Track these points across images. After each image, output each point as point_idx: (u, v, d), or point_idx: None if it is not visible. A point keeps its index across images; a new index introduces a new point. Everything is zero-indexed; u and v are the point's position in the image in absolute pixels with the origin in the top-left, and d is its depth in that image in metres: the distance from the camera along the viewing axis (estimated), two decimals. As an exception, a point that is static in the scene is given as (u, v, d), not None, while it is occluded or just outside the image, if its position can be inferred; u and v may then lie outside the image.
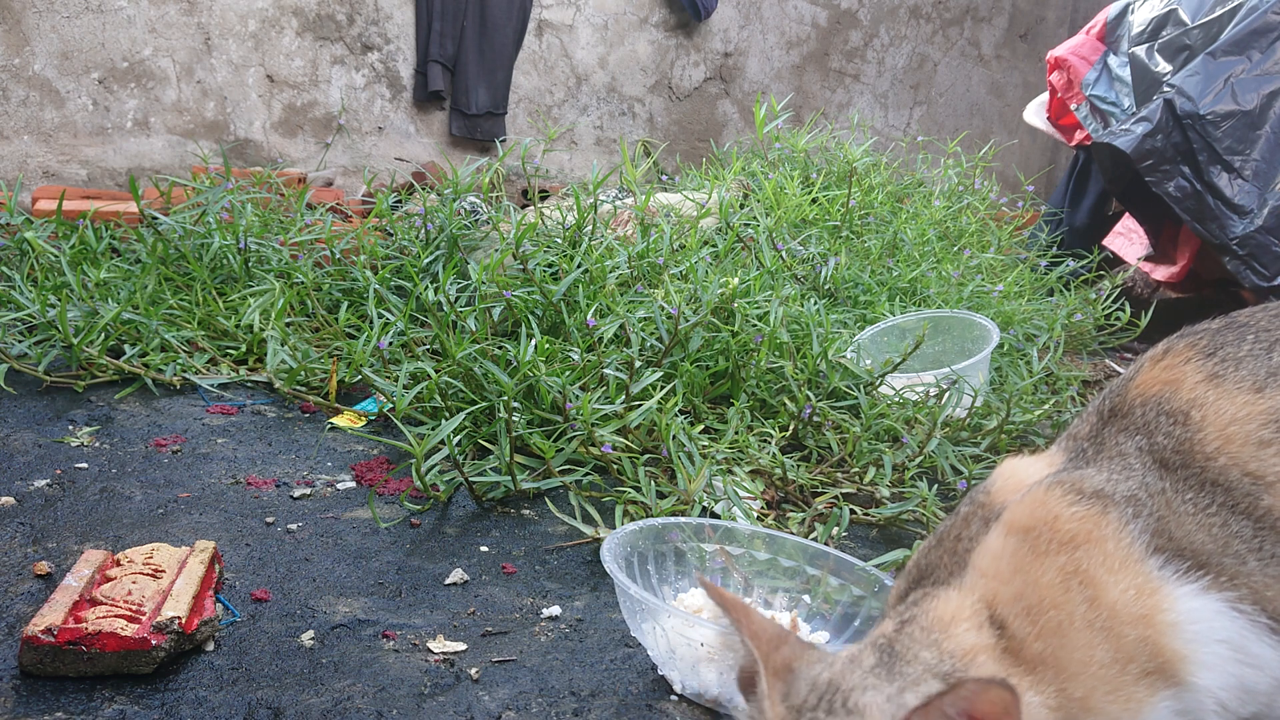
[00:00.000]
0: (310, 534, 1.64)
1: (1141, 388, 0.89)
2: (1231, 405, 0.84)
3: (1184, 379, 0.88)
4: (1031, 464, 0.91)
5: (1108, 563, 0.78)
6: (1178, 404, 0.86)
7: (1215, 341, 0.90)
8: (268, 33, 4.11)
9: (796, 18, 5.35)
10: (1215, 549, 0.79)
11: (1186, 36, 3.47)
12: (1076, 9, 6.16)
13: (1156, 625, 0.76)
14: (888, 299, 2.87)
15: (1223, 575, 0.78)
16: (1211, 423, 0.84)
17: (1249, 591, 0.78)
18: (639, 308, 2.37)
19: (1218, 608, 0.77)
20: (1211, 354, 0.89)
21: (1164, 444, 0.85)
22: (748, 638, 0.84)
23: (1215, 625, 0.77)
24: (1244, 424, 0.83)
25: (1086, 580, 0.77)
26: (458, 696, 1.24)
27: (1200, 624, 0.76)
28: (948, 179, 3.98)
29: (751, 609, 0.88)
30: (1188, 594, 0.77)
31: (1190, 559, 0.78)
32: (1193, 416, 0.85)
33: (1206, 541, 0.80)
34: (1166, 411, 0.86)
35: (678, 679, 1.29)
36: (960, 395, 2.28)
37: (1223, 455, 0.82)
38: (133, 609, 1.24)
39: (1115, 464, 0.85)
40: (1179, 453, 0.84)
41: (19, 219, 2.74)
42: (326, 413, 2.16)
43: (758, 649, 0.83)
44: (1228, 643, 0.76)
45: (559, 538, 1.71)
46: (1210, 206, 3.23)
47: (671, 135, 5.07)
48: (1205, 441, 0.83)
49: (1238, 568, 0.79)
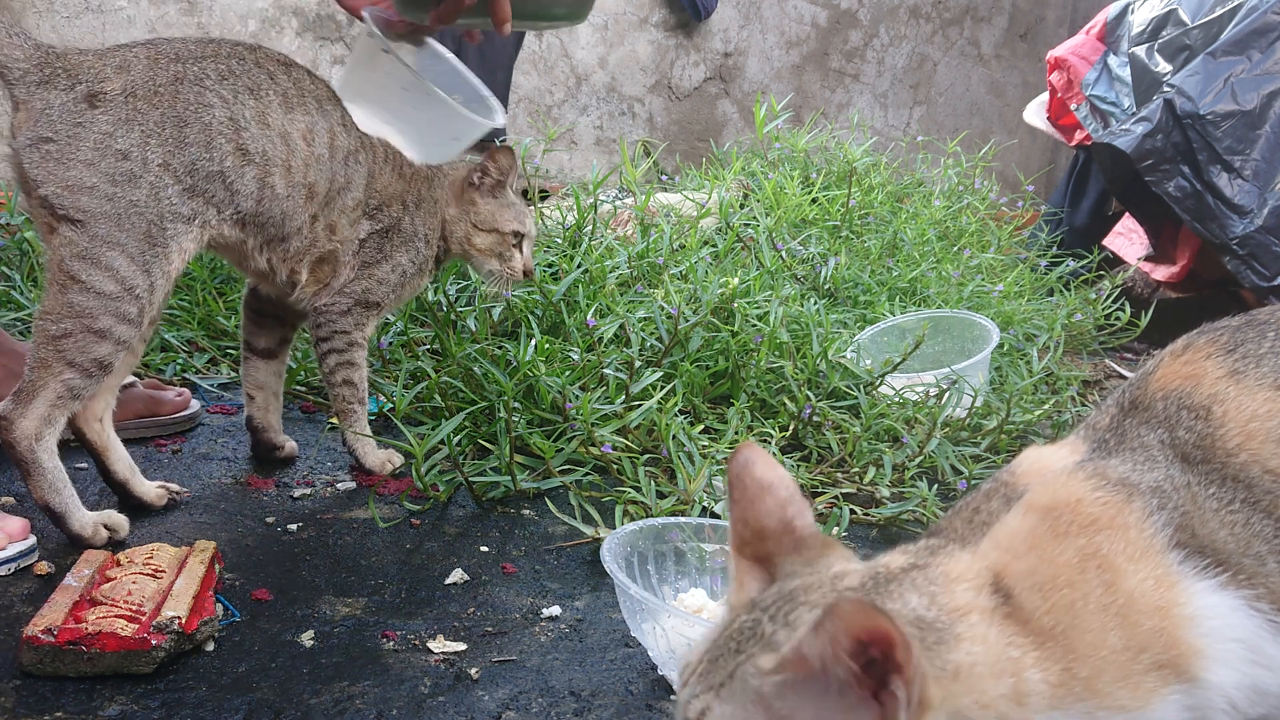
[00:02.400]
0: (310, 534, 1.64)
1: (1162, 381, 0.89)
2: (1253, 402, 0.84)
3: (1205, 374, 0.88)
4: (1055, 451, 0.92)
5: (1129, 550, 0.78)
6: (1199, 399, 0.86)
7: (1236, 338, 0.90)
8: (268, 33, 4.11)
9: (796, 18, 5.35)
10: (1236, 548, 0.79)
11: (1186, 36, 3.47)
12: (1076, 9, 6.16)
13: (1174, 617, 0.76)
14: (888, 299, 2.87)
15: (1241, 573, 0.78)
16: (1233, 419, 0.84)
17: (1266, 591, 0.78)
18: (639, 308, 2.37)
19: (1235, 605, 0.77)
20: (1232, 350, 0.89)
21: (1185, 438, 0.84)
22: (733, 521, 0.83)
23: (1232, 622, 0.76)
24: (1265, 420, 0.83)
25: (1105, 564, 0.77)
26: (458, 696, 1.24)
27: (1217, 620, 0.76)
28: (947, 179, 3.98)
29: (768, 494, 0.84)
30: (1206, 589, 0.77)
31: (1210, 556, 0.78)
32: (1214, 412, 0.85)
33: (1227, 539, 0.79)
34: (1188, 406, 0.86)
35: (678, 679, 1.28)
36: (960, 395, 2.28)
37: (1244, 452, 0.82)
38: (133, 609, 1.24)
39: (1139, 455, 0.85)
40: (1200, 448, 0.84)
41: (19, 219, 2.74)
42: (326, 413, 2.16)
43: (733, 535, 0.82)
44: (1243, 641, 0.76)
45: (559, 538, 1.71)
46: (1210, 206, 3.23)
47: (671, 135, 5.07)
48: (1226, 437, 0.83)
49: (1257, 567, 0.79)
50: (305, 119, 1.65)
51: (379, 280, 1.82)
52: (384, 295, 1.83)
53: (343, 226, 1.76)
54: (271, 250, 1.68)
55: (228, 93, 1.55)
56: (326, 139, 1.68)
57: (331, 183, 1.70)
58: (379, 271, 1.82)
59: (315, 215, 1.70)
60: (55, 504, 1.48)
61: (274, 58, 1.65)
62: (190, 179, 1.51)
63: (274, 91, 1.61)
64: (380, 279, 1.82)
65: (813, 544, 0.83)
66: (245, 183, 1.57)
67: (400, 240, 1.83)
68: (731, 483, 0.85)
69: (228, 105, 1.55)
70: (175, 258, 1.52)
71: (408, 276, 1.86)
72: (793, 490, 0.85)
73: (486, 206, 1.90)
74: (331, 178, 1.70)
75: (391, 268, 1.83)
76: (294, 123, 1.63)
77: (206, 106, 1.53)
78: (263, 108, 1.59)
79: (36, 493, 1.48)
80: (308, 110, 1.66)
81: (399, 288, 1.85)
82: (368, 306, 1.82)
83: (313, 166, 1.66)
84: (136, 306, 1.48)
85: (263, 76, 1.61)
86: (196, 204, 1.53)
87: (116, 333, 1.47)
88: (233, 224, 1.60)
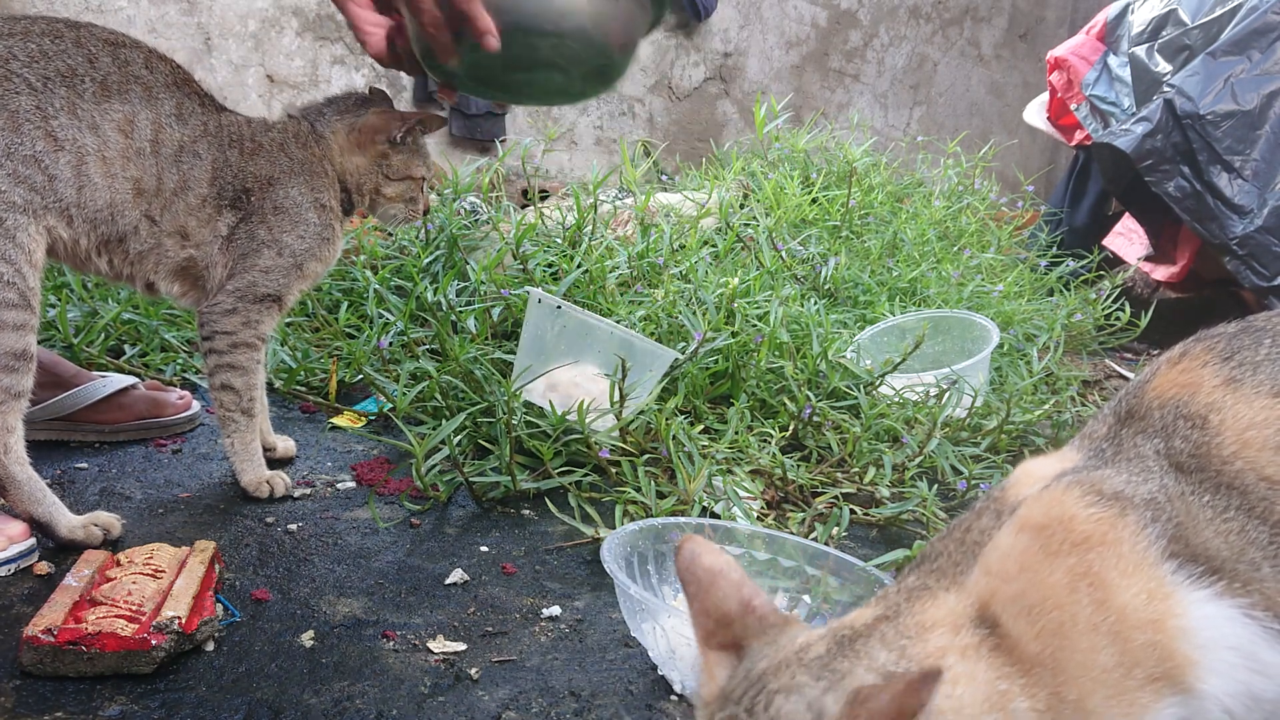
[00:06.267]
0: (310, 534, 1.64)
1: (1158, 390, 0.89)
2: (1249, 410, 0.84)
3: (1201, 382, 0.87)
4: (1048, 463, 0.91)
5: (1121, 565, 0.77)
6: (1195, 407, 0.86)
7: (1232, 345, 0.90)
8: (268, 33, 4.11)
9: (796, 18, 5.35)
10: (1230, 555, 0.79)
11: (1186, 36, 3.47)
12: (1076, 9, 6.16)
13: (1167, 630, 0.75)
14: (888, 299, 2.87)
15: (1236, 581, 0.77)
16: (1229, 427, 0.84)
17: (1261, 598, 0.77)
18: (639, 308, 2.37)
19: (1230, 614, 0.76)
20: (1229, 358, 0.88)
21: (1181, 447, 0.84)
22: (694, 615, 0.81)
23: (1226, 632, 0.76)
24: (1262, 429, 0.83)
25: (1097, 582, 0.77)
26: (458, 696, 1.24)
27: (1212, 630, 0.76)
28: (947, 179, 3.98)
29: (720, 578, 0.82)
30: (1200, 600, 0.77)
31: (1205, 564, 0.78)
32: (1210, 420, 0.85)
33: (1222, 547, 0.79)
34: (1184, 415, 0.86)
35: (678, 679, 1.29)
36: (960, 395, 2.28)
37: (1239, 459, 0.82)
38: (133, 609, 1.24)
39: (1134, 466, 0.85)
40: (1196, 456, 0.83)
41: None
42: (326, 413, 2.16)
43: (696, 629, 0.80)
44: (1238, 649, 0.76)
45: (559, 538, 1.71)
46: (1210, 206, 3.23)
47: (671, 135, 5.07)
48: (1223, 446, 0.83)
49: (1251, 574, 0.78)
50: (124, 108, 1.53)
51: (264, 270, 1.69)
52: (277, 284, 1.71)
53: (194, 229, 1.65)
54: (111, 252, 1.59)
55: (35, 78, 1.46)
56: (149, 131, 1.56)
57: (161, 181, 1.59)
58: (262, 261, 1.69)
59: (152, 217, 1.60)
60: (39, 514, 1.46)
61: (100, 37, 1.53)
62: (10, 164, 1.44)
63: (90, 78, 1.51)
64: (266, 268, 1.69)
65: (774, 620, 0.81)
66: (60, 168, 1.48)
67: (280, 220, 1.71)
68: (683, 578, 0.83)
69: (35, 93, 1.46)
70: (27, 243, 1.46)
71: (301, 255, 1.73)
72: (741, 572, 0.83)
73: (400, 158, 1.83)
74: (159, 175, 1.58)
75: (277, 252, 1.70)
76: (107, 113, 1.52)
77: (13, 94, 1.44)
78: (74, 96, 1.49)
79: (18, 506, 1.45)
80: (128, 99, 1.54)
81: (294, 269, 1.72)
82: (258, 301, 1.70)
83: (133, 161, 1.55)
84: (15, 292, 1.44)
85: (80, 59, 1.50)
86: (23, 191, 1.45)
87: (9, 318, 1.43)
88: (59, 216, 1.50)
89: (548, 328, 2.01)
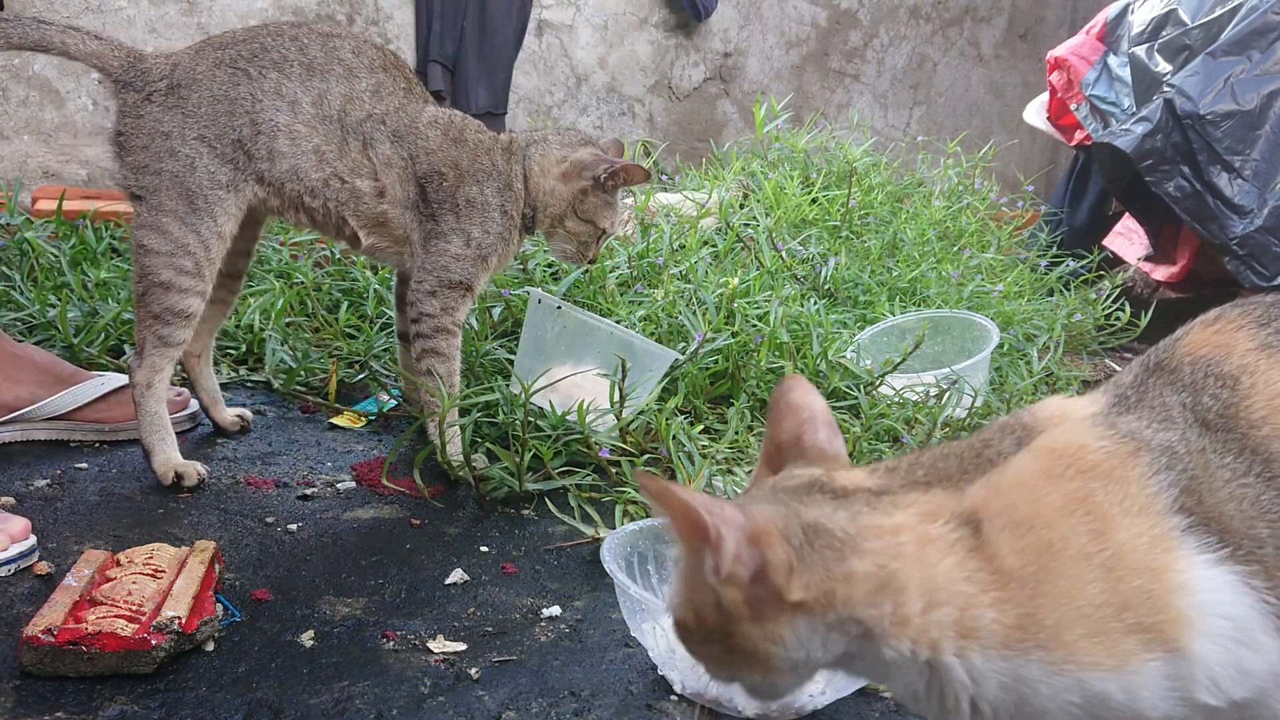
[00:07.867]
0: (310, 534, 1.64)
1: (1191, 347, 0.89)
2: None
3: (1236, 344, 0.87)
4: (1077, 402, 0.91)
5: (1126, 503, 0.77)
6: (1228, 368, 0.86)
7: (1269, 314, 0.90)
8: (268, 33, 4.11)
9: (796, 18, 5.35)
10: (1241, 522, 0.78)
11: (1186, 36, 3.47)
12: (1076, 9, 6.16)
13: (1166, 581, 0.74)
14: (888, 299, 2.87)
15: (1240, 549, 0.77)
16: (1260, 391, 0.84)
17: (1262, 569, 0.77)
18: (639, 308, 2.37)
19: (1230, 581, 0.76)
20: (1265, 324, 0.89)
21: (1209, 405, 0.84)
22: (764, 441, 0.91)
23: (1225, 598, 0.75)
24: None
25: (1097, 513, 0.76)
26: (458, 696, 1.24)
27: (1211, 593, 0.75)
28: (947, 179, 3.98)
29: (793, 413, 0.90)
30: (1205, 561, 0.76)
31: (1214, 526, 0.77)
32: (1242, 382, 0.84)
33: (1234, 512, 0.78)
34: (1215, 374, 0.86)
35: (678, 679, 1.29)
36: (960, 395, 2.28)
37: (1267, 425, 0.82)
38: (133, 609, 1.24)
39: (1157, 413, 0.84)
40: (1224, 416, 0.83)
41: (19, 219, 2.74)
42: (326, 413, 2.16)
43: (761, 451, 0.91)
44: (1233, 619, 0.75)
45: (559, 538, 1.71)
46: (1210, 206, 3.23)
47: (671, 135, 5.07)
48: (1252, 409, 0.83)
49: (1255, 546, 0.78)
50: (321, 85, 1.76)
51: (455, 257, 1.82)
52: (466, 271, 1.83)
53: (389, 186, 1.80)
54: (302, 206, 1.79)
55: (254, 70, 1.72)
56: (339, 103, 1.76)
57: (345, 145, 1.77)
58: (452, 247, 1.82)
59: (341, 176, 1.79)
60: (146, 443, 1.75)
61: (317, 30, 1.80)
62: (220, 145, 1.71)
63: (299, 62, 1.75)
64: (456, 255, 1.82)
65: (811, 455, 0.86)
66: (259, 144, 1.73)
67: (470, 213, 1.83)
68: (770, 407, 0.92)
69: (251, 80, 1.72)
70: (223, 219, 1.71)
71: (486, 248, 1.84)
72: (816, 412, 0.90)
73: (594, 201, 1.89)
74: (343, 140, 1.77)
75: (465, 241, 1.82)
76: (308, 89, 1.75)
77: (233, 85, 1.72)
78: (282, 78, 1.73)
79: (140, 432, 1.75)
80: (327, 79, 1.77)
81: (479, 260, 1.84)
82: (452, 287, 1.82)
83: (318, 128, 1.75)
84: (193, 261, 1.70)
85: (293, 49, 1.75)
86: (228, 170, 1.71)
87: (182, 283, 1.69)
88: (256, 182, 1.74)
89: (548, 328, 2.02)
